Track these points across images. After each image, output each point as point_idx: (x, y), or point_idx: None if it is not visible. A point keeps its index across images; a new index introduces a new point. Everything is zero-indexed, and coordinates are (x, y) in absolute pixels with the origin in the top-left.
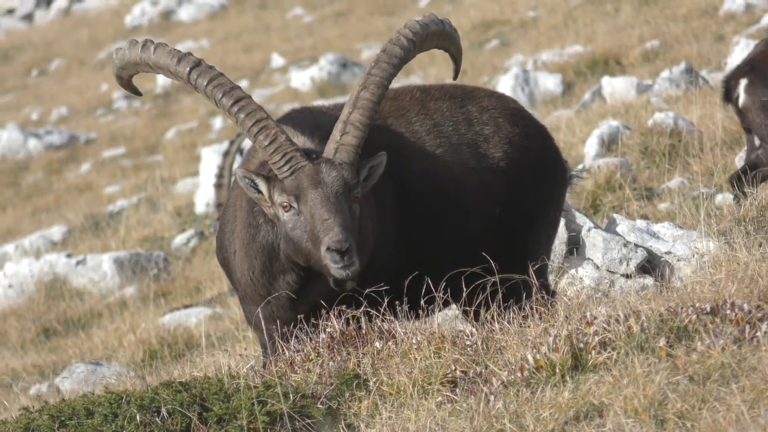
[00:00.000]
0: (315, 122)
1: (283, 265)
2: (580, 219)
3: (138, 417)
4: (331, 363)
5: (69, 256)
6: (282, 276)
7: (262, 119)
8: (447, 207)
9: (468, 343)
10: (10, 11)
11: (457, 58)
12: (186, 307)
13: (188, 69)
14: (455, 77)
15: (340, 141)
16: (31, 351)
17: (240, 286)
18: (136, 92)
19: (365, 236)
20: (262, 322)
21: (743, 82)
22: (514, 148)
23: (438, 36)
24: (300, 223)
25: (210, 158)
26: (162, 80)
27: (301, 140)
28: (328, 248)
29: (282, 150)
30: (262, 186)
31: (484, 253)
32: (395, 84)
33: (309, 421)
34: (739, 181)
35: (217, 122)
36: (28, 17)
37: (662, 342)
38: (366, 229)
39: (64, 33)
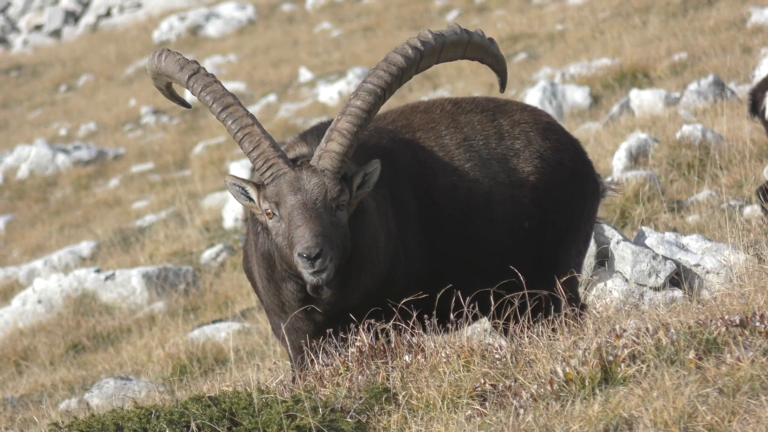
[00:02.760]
0: None
1: (281, 273)
2: (609, 232)
3: None
4: (360, 377)
5: (98, 271)
6: (284, 284)
7: (248, 126)
8: (475, 221)
9: (497, 356)
10: (38, 27)
11: (497, 69)
12: (215, 321)
13: (187, 76)
14: (501, 89)
15: (324, 148)
16: (60, 367)
17: (262, 296)
18: (182, 103)
19: (369, 246)
20: (284, 334)
21: None
22: (545, 162)
23: (462, 46)
24: (281, 230)
25: (238, 173)
26: (190, 95)
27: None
28: (300, 254)
29: (264, 156)
30: (252, 193)
31: (512, 267)
32: (423, 96)
33: None
34: (767, 193)
35: None
36: (56, 33)
37: (691, 354)
38: (373, 239)
39: (92, 49)
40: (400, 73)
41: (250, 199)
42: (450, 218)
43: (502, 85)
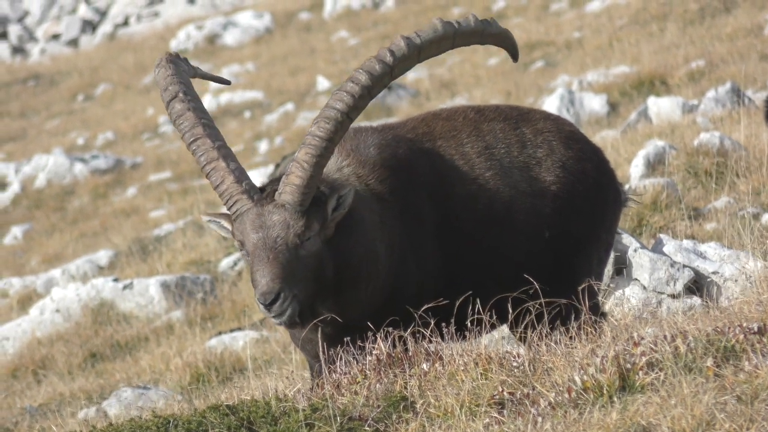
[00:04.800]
0: (354, 146)
1: None
2: (627, 239)
3: None
4: (378, 385)
5: (116, 280)
6: None
7: (213, 160)
8: (495, 230)
9: (515, 364)
10: (56, 37)
11: (503, 46)
12: (233, 330)
13: (167, 101)
14: (514, 60)
15: (285, 181)
16: (78, 376)
17: None
18: (221, 81)
19: (362, 260)
20: (298, 342)
21: None
22: (567, 171)
23: (449, 39)
24: (250, 265)
25: (256, 181)
26: (207, 104)
27: (333, 161)
28: (257, 299)
29: (228, 193)
30: (228, 226)
31: (530, 276)
32: (440, 104)
33: None
34: None
35: (263, 145)
36: (74, 42)
37: (709, 362)
38: (369, 253)
39: (109, 58)
40: (365, 92)
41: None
42: (469, 227)
43: (514, 57)
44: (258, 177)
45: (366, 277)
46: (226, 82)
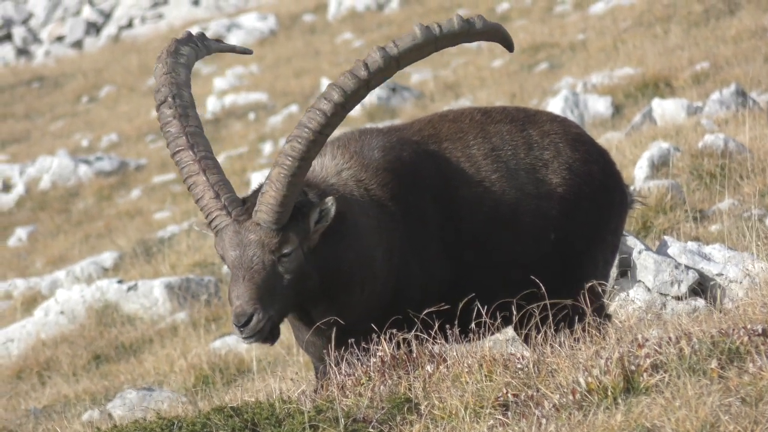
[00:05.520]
0: (358, 148)
1: None
2: (631, 241)
3: None
4: (382, 387)
5: (120, 282)
6: None
7: (193, 174)
8: (500, 232)
9: (519, 366)
10: (60, 39)
11: (494, 41)
12: None
13: (158, 104)
14: (510, 50)
15: (261, 200)
16: (82, 377)
17: None
18: (242, 51)
19: (354, 265)
20: (302, 344)
21: None
22: (573, 173)
23: (430, 44)
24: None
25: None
26: (211, 105)
27: (335, 164)
28: (232, 319)
29: (207, 209)
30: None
31: (536, 278)
32: (445, 106)
33: None
34: None
35: (267, 147)
36: (78, 44)
37: (714, 364)
38: (363, 257)
39: (113, 59)
40: (338, 109)
41: None
42: (474, 229)
43: (508, 48)
44: (263, 179)
45: (360, 282)
46: (248, 52)
